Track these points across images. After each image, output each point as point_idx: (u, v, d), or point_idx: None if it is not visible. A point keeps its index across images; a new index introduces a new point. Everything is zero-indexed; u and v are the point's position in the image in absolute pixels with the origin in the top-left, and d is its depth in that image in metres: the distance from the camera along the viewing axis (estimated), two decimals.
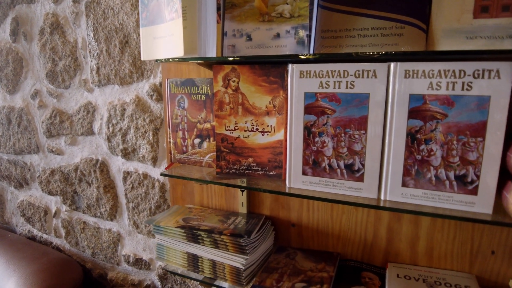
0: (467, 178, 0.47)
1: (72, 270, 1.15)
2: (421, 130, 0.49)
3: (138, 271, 1.11)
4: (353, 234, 0.72)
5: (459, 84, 0.46)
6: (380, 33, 0.50)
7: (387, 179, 0.51)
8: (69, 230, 1.24)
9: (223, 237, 0.67)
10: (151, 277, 1.09)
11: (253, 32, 0.58)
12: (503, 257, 0.63)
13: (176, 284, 1.03)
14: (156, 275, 1.07)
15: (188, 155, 0.72)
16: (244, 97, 0.61)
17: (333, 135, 0.54)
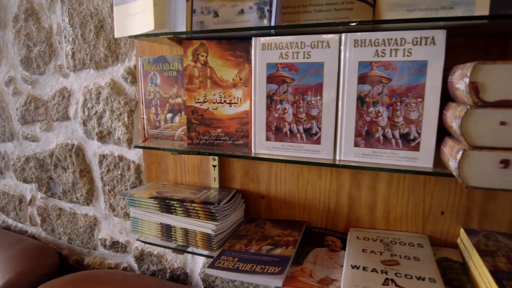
0: (410, 136, 0.53)
1: (48, 255, 1.15)
2: (369, 94, 0.54)
3: (115, 255, 1.13)
4: (318, 203, 0.77)
5: (400, 51, 0.52)
6: (333, 8, 0.55)
7: (341, 140, 0.57)
8: (45, 218, 1.25)
9: (194, 205, 0.70)
10: (127, 259, 1.11)
11: (219, 9, 0.62)
12: (451, 217, 0.69)
13: (152, 264, 1.06)
14: (132, 256, 1.09)
15: (161, 130, 0.76)
16: (213, 71, 0.65)
17: (292, 102, 0.58)
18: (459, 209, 0.68)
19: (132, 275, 0.99)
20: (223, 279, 0.95)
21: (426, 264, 0.61)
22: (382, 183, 0.71)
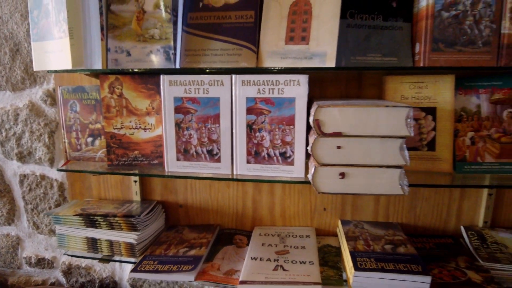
0: (286, 154, 0.70)
1: None
2: (255, 122, 0.69)
3: (41, 271, 1.15)
4: (228, 208, 0.91)
5: (276, 89, 0.68)
6: (226, 53, 0.70)
7: (237, 159, 0.71)
8: None
9: (117, 219, 0.80)
10: (55, 274, 1.14)
11: (131, 49, 0.72)
12: (331, 212, 0.88)
13: (81, 276, 1.11)
14: (60, 271, 1.13)
15: (82, 153, 0.83)
16: (128, 101, 0.75)
17: (196, 129, 0.71)
18: (337, 205, 0.88)
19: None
20: (150, 282, 1.04)
21: (309, 251, 0.79)
22: (278, 188, 0.88)
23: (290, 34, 0.68)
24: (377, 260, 0.69)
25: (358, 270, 0.66)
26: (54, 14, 0.70)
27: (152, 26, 0.71)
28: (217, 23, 0.70)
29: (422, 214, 0.86)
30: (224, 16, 0.69)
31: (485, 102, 0.73)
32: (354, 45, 0.68)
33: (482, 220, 0.84)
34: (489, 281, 0.68)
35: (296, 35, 0.68)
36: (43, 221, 1.09)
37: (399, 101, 0.74)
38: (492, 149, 0.72)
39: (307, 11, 0.67)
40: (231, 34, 0.69)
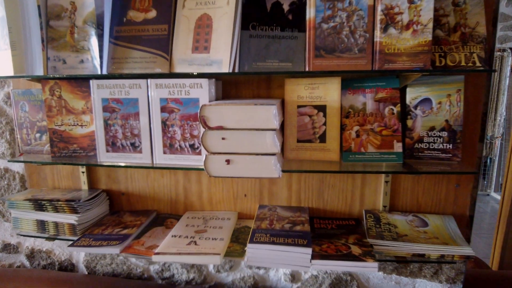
0: (195, 145, 0.84)
1: None
2: (168, 119, 0.84)
3: (7, 256, 1.30)
4: (163, 195, 1.06)
5: (183, 91, 0.82)
6: (144, 60, 0.84)
7: (155, 150, 0.86)
8: None
9: (60, 203, 0.94)
10: (20, 258, 1.29)
11: (66, 58, 0.87)
12: (251, 198, 1.02)
13: (43, 260, 1.26)
14: (24, 255, 1.28)
15: (32, 146, 0.98)
16: (66, 102, 0.90)
17: (121, 125, 0.86)
18: (255, 192, 1.02)
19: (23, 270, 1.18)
20: (102, 264, 1.19)
21: (224, 231, 0.93)
22: (204, 177, 1.02)
23: (196, 44, 0.82)
24: (272, 236, 0.83)
25: (251, 242, 0.80)
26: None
27: (82, 39, 0.85)
28: (137, 35, 0.84)
29: (330, 199, 1.00)
30: (143, 29, 0.84)
31: (370, 100, 0.87)
32: (255, 53, 0.82)
33: (381, 204, 0.98)
34: (366, 254, 0.82)
35: (200, 45, 0.82)
36: (8, 209, 1.24)
37: (296, 100, 0.88)
38: (374, 141, 0.86)
39: (208, 25, 0.81)
40: (148, 44, 0.84)
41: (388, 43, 0.77)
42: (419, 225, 0.92)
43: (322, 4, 0.78)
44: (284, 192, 1.01)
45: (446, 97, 0.85)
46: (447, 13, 0.83)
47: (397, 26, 0.77)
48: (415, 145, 0.87)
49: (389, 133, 0.86)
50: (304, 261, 0.78)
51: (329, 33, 0.79)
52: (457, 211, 0.98)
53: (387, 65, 0.78)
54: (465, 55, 0.82)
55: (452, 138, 0.85)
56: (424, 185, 0.97)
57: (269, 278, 1.11)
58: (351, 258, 0.80)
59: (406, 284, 1.07)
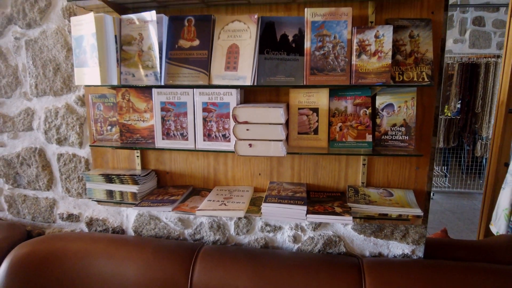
0: (226, 135, 1.23)
1: (16, 228, 1.68)
2: (207, 117, 1.23)
3: (70, 224, 1.70)
4: (198, 173, 1.45)
5: (218, 97, 1.21)
6: (190, 75, 1.23)
7: (197, 138, 1.25)
8: (11, 204, 1.76)
9: (126, 177, 1.34)
10: (80, 226, 1.69)
11: (135, 72, 1.26)
12: (264, 176, 1.41)
13: (99, 226, 1.66)
14: (84, 223, 1.68)
15: (104, 136, 1.38)
16: (133, 104, 1.30)
17: (174, 121, 1.25)
18: (267, 172, 1.41)
19: (86, 233, 1.58)
20: (148, 228, 1.58)
21: (245, 198, 1.32)
22: (230, 160, 1.41)
23: (227, 65, 1.22)
24: (279, 199, 1.22)
25: (265, 202, 1.19)
26: (89, 52, 1.25)
27: (147, 60, 1.25)
28: (186, 58, 1.24)
29: (322, 177, 1.39)
30: (190, 53, 1.23)
31: (350, 104, 1.26)
32: (269, 70, 1.21)
33: (360, 181, 1.37)
34: (345, 212, 1.20)
35: (230, 65, 1.21)
36: (73, 187, 1.64)
37: (297, 104, 1.26)
38: (352, 133, 1.25)
39: (236, 51, 1.21)
40: (193, 64, 1.23)
41: (361, 65, 1.16)
42: (387, 195, 1.31)
43: (315, 38, 1.17)
44: (289, 171, 1.39)
45: (404, 103, 1.23)
46: (405, 43, 1.22)
47: (367, 53, 1.16)
48: (382, 136, 1.25)
49: (363, 128, 1.24)
50: (301, 215, 1.17)
51: (320, 58, 1.18)
52: (417, 188, 1.36)
53: (361, 80, 1.16)
54: (417, 73, 1.20)
55: (408, 132, 1.24)
56: (392, 167, 1.35)
57: (277, 240, 1.50)
58: (334, 214, 1.18)
59: (382, 245, 1.45)
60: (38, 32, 1.55)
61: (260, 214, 1.21)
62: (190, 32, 1.24)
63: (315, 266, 1.34)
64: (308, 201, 1.26)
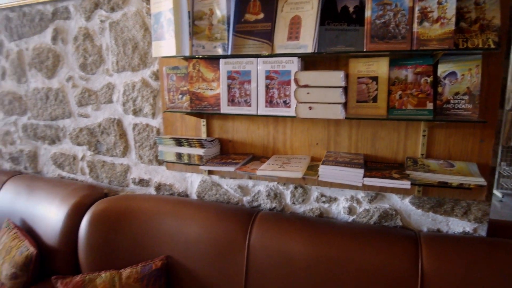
0: (287, 101, 1.34)
1: (96, 189, 1.93)
2: (270, 84, 1.34)
3: (141, 188, 1.92)
4: (258, 142, 1.57)
5: (281, 65, 1.32)
6: (255, 46, 1.36)
7: (259, 104, 1.37)
8: (92, 168, 2.03)
9: (194, 140, 1.50)
10: (149, 190, 1.90)
11: (205, 44, 1.42)
12: (321, 146, 1.50)
13: (166, 191, 1.85)
14: (153, 187, 1.89)
15: (176, 104, 1.55)
16: (202, 74, 1.45)
17: (238, 88, 1.39)
18: (324, 141, 1.49)
19: (155, 195, 1.78)
20: (209, 194, 1.74)
21: (302, 164, 1.41)
22: (288, 129, 1.52)
23: (289, 35, 1.32)
24: (337, 163, 1.30)
25: (323, 164, 1.28)
26: (166, 26, 1.42)
27: (216, 32, 1.40)
28: (251, 30, 1.36)
29: (380, 148, 1.43)
30: (255, 26, 1.36)
31: (410, 73, 1.29)
32: (329, 41, 1.29)
33: (420, 153, 1.39)
34: (402, 177, 1.24)
35: (293, 35, 1.32)
36: (145, 154, 1.86)
37: (357, 73, 1.33)
38: (412, 101, 1.28)
39: (299, 22, 1.31)
40: (258, 36, 1.35)
41: (423, 32, 1.19)
42: (447, 166, 1.32)
43: (376, 7, 1.23)
44: (346, 141, 1.46)
45: (468, 71, 1.24)
46: (470, 10, 1.23)
47: (429, 20, 1.19)
48: (444, 105, 1.27)
49: (424, 96, 1.27)
50: (358, 178, 1.24)
51: (381, 27, 1.24)
52: (480, 162, 1.35)
53: (422, 47, 1.20)
54: (482, 40, 1.21)
55: (472, 100, 1.24)
56: (454, 139, 1.36)
57: (332, 211, 1.58)
58: (391, 178, 1.23)
59: (441, 221, 1.46)
60: (120, 15, 1.78)
61: (317, 177, 1.29)
62: (256, 6, 1.37)
63: (370, 235, 1.40)
64: (365, 168, 1.32)
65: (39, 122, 2.15)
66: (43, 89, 2.08)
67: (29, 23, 2.05)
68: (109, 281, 1.46)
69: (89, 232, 1.67)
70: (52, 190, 1.92)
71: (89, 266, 1.65)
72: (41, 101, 2.11)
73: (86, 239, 1.67)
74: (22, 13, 2.06)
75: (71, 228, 1.74)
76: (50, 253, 1.75)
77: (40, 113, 2.13)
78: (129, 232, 1.64)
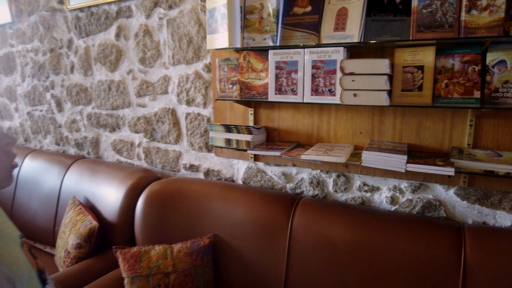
0: (332, 90, 1.40)
1: (151, 172, 2.10)
2: (316, 73, 1.41)
3: (191, 173, 2.07)
4: (302, 130, 1.65)
5: (327, 55, 1.39)
6: (302, 37, 1.44)
7: (305, 93, 1.44)
8: (147, 154, 2.22)
9: (242, 127, 1.61)
10: (199, 175, 2.04)
11: (255, 37, 1.52)
12: (365, 135, 1.54)
13: (214, 176, 1.98)
14: (202, 173, 2.02)
15: (226, 93, 1.67)
16: (252, 64, 1.56)
17: (285, 77, 1.47)
18: (368, 130, 1.53)
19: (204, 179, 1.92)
20: (255, 180, 1.84)
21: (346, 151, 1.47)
22: (332, 118, 1.58)
23: (336, 26, 1.39)
24: (379, 150, 1.34)
25: (366, 150, 1.33)
26: (220, 20, 1.54)
27: (265, 25, 1.49)
28: (299, 22, 1.44)
29: (424, 138, 1.45)
30: (302, 18, 1.44)
31: (457, 62, 1.31)
32: (375, 31, 1.35)
33: (466, 143, 1.39)
34: (446, 164, 1.26)
35: (339, 26, 1.38)
36: (196, 141, 2.00)
37: (402, 62, 1.36)
38: (458, 90, 1.30)
39: (345, 13, 1.37)
40: (305, 27, 1.43)
41: (471, 20, 1.21)
42: (495, 156, 1.32)
43: None
44: (390, 131, 1.50)
45: None
46: None
47: (477, 8, 1.20)
48: (492, 94, 1.27)
49: (471, 84, 1.28)
50: (401, 164, 1.27)
51: (427, 16, 1.27)
52: None
53: (470, 35, 1.22)
54: None
55: None
56: (503, 130, 1.35)
57: (374, 200, 1.61)
58: (435, 165, 1.26)
59: (487, 214, 1.45)
60: (177, 12, 1.94)
61: (360, 162, 1.35)
62: (304, 0, 1.45)
63: (412, 224, 1.42)
64: (408, 156, 1.35)
65: (102, 111, 2.38)
66: (106, 81, 2.30)
67: (95, 21, 2.27)
68: (162, 253, 1.60)
69: (144, 210, 1.84)
70: (112, 173, 2.12)
71: (143, 240, 1.81)
72: (104, 92, 2.33)
73: (141, 216, 1.84)
74: (90, 13, 2.29)
75: (128, 206, 1.92)
76: (110, 227, 1.94)
77: (103, 103, 2.35)
78: (180, 211, 1.78)
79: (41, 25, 2.58)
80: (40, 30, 2.60)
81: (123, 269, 1.60)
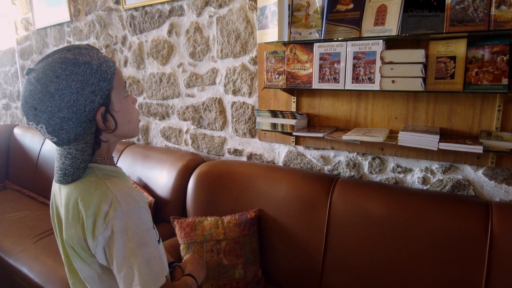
0: (371, 78, 1.58)
1: (197, 156, 2.33)
2: (357, 63, 1.60)
3: (234, 157, 2.28)
4: (341, 117, 1.83)
5: (367, 47, 1.57)
6: (345, 32, 1.62)
7: (346, 81, 1.63)
8: (194, 140, 2.45)
9: (287, 112, 1.81)
10: (242, 159, 2.25)
11: (301, 31, 1.72)
12: (399, 120, 1.71)
13: (256, 160, 2.19)
14: (245, 157, 2.23)
15: (273, 83, 1.88)
16: (297, 56, 1.76)
17: (329, 67, 1.66)
18: (403, 116, 1.70)
19: (247, 161, 2.13)
20: (294, 163, 2.03)
21: (381, 134, 1.64)
22: (369, 105, 1.75)
23: (376, 21, 1.57)
24: (414, 131, 1.51)
25: (402, 131, 1.50)
26: (270, 17, 1.75)
27: (311, 21, 1.69)
28: (341, 18, 1.63)
29: (455, 122, 1.61)
30: (345, 15, 1.63)
31: (487, 53, 1.46)
32: (411, 25, 1.52)
33: (494, 126, 1.54)
34: (475, 143, 1.42)
35: (379, 22, 1.56)
36: (240, 127, 2.21)
37: (436, 53, 1.53)
38: (487, 77, 1.45)
39: (385, 10, 1.55)
40: (347, 23, 1.62)
41: (500, 15, 1.37)
42: None
43: None
44: (423, 116, 1.66)
45: None
46: None
47: (506, 4, 1.36)
48: None
49: (499, 72, 1.44)
50: (434, 143, 1.44)
51: (460, 11, 1.43)
52: None
53: (499, 28, 1.37)
54: None
55: None
56: None
57: (406, 180, 1.78)
58: (465, 143, 1.42)
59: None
60: (226, 10, 2.16)
61: (396, 142, 1.52)
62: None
63: (442, 200, 1.58)
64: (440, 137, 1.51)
65: (153, 101, 2.63)
66: (158, 74, 2.55)
67: (149, 19, 2.53)
68: (214, 223, 1.82)
69: (195, 188, 2.07)
70: (163, 156, 2.37)
71: (195, 214, 2.04)
72: (155, 84, 2.58)
73: (193, 194, 2.06)
74: (144, 12, 2.55)
75: (180, 185, 2.15)
76: (163, 204, 2.18)
77: (154, 94, 2.60)
78: (227, 189, 2.00)
79: (98, 23, 2.87)
80: (96, 28, 2.89)
81: (179, 236, 1.82)
